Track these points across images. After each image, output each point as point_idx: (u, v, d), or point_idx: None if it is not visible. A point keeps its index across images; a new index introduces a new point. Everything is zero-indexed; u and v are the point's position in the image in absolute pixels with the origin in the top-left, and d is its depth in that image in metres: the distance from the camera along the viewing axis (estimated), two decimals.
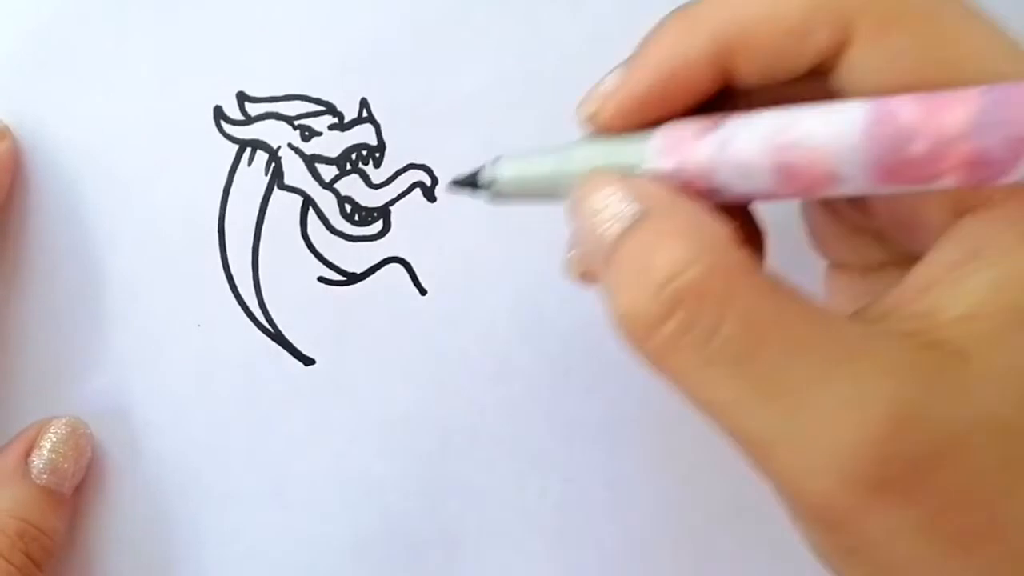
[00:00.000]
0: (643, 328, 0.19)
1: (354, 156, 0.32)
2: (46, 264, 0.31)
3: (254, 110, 0.32)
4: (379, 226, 0.32)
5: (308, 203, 0.32)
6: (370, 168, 0.32)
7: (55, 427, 0.30)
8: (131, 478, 0.31)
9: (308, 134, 0.32)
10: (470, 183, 0.24)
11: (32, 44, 0.32)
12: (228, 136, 0.32)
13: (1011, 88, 0.17)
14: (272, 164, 0.32)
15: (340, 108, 0.32)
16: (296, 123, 0.32)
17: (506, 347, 0.32)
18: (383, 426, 0.31)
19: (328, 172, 0.32)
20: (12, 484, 0.29)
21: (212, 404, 0.31)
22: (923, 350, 0.19)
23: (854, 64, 0.20)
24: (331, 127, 0.32)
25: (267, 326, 0.31)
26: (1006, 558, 0.19)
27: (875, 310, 0.20)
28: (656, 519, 0.32)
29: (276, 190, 0.32)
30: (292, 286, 0.32)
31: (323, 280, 0.32)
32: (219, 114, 0.32)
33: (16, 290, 0.31)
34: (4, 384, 0.31)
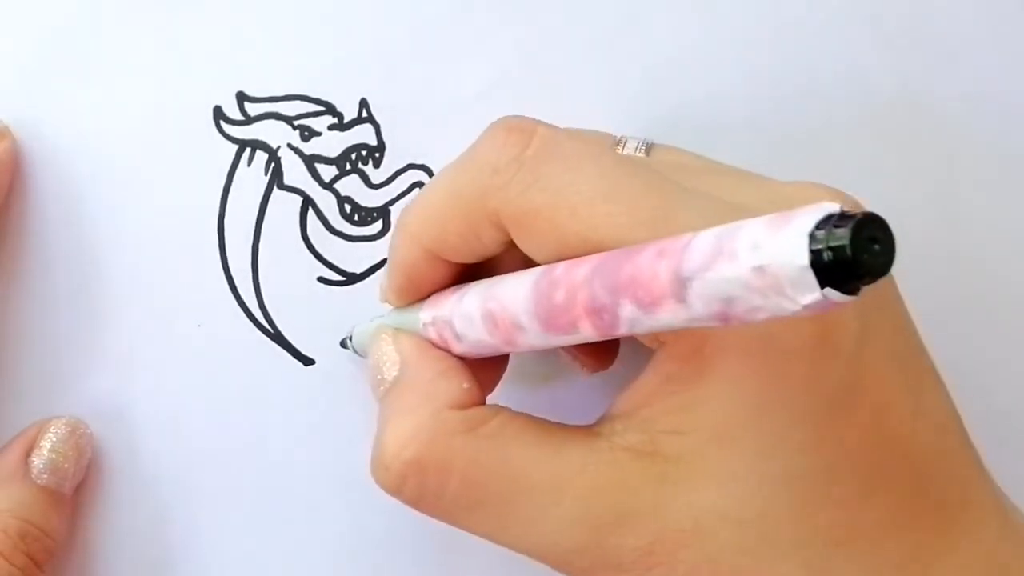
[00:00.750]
0: (390, 490, 0.24)
1: (354, 156, 0.32)
2: (46, 264, 0.31)
3: (254, 110, 0.32)
4: (379, 226, 0.32)
5: (308, 203, 0.32)
6: (370, 168, 0.32)
7: (55, 427, 0.30)
8: (131, 478, 0.31)
9: (308, 134, 0.32)
10: (343, 344, 0.31)
11: (32, 44, 0.32)
12: (228, 136, 0.32)
13: (622, 251, 0.20)
14: (272, 164, 0.32)
15: (340, 108, 0.32)
16: (296, 123, 0.32)
17: None
18: None
19: (328, 172, 0.32)
20: (12, 484, 0.29)
21: (212, 404, 0.31)
22: (642, 459, 0.22)
23: (522, 245, 0.24)
24: (331, 127, 0.32)
25: (267, 326, 0.31)
26: None
27: (612, 412, 0.24)
28: None
29: (276, 190, 0.32)
30: (292, 286, 0.32)
31: (323, 280, 0.32)
32: (219, 114, 0.32)
33: (16, 290, 0.31)
34: (4, 384, 0.31)
